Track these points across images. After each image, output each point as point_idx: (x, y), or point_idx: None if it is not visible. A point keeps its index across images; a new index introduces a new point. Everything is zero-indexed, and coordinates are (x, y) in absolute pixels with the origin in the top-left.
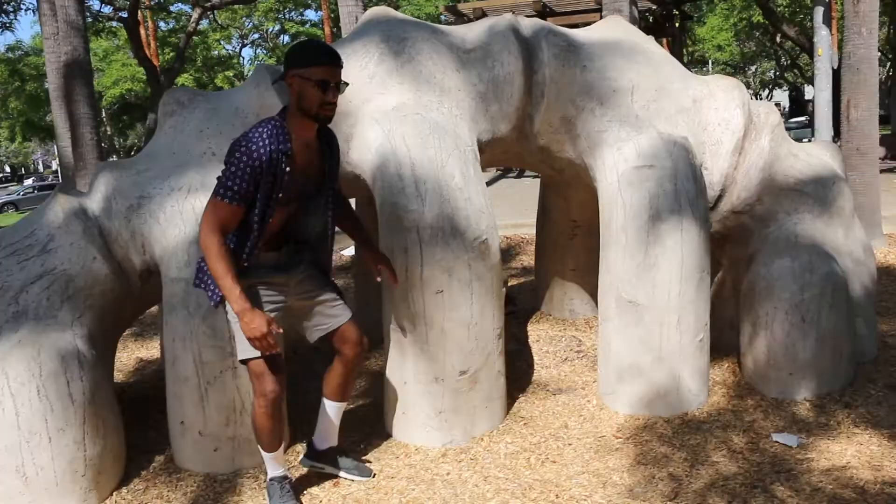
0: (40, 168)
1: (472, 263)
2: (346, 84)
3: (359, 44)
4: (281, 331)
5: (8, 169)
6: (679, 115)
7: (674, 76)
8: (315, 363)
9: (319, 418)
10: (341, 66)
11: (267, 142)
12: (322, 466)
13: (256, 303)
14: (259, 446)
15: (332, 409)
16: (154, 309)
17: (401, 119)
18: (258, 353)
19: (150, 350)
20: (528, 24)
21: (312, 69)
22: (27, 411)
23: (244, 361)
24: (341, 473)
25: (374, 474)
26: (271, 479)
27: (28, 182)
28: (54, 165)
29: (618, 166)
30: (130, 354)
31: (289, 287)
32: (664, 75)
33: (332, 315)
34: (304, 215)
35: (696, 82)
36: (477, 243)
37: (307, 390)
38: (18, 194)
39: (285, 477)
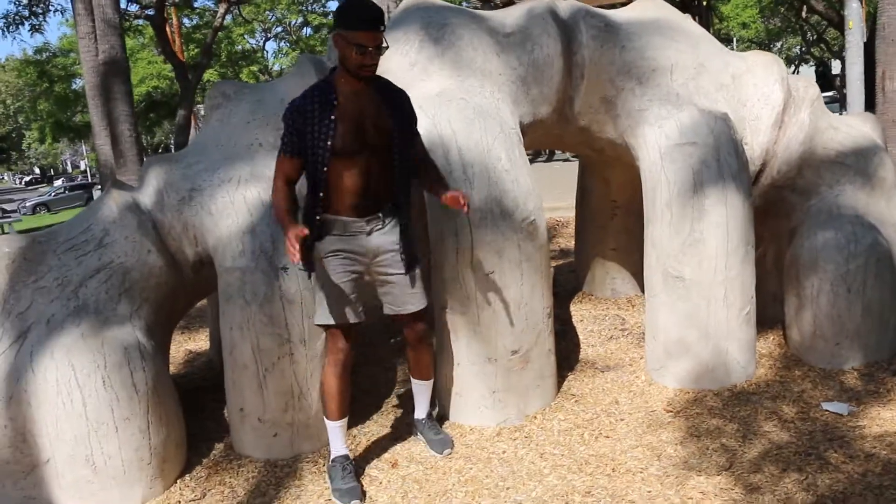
0: (69, 168)
1: (521, 244)
2: (387, 46)
3: (399, 31)
4: (305, 232)
5: (37, 170)
6: (719, 92)
7: (712, 53)
8: (365, 348)
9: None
10: (381, 29)
11: (306, 97)
12: (417, 434)
13: (331, 271)
14: (325, 416)
15: (415, 387)
16: (200, 302)
17: (445, 104)
18: (335, 320)
19: (197, 342)
20: (566, 6)
21: (352, 33)
22: (94, 402)
23: (321, 326)
24: (423, 443)
25: (448, 451)
26: (333, 461)
27: (58, 183)
28: (83, 165)
29: (660, 144)
30: (179, 347)
31: (366, 257)
32: (703, 53)
33: (403, 301)
34: (374, 172)
35: (735, 58)
36: (525, 224)
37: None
38: (50, 195)
39: (347, 458)
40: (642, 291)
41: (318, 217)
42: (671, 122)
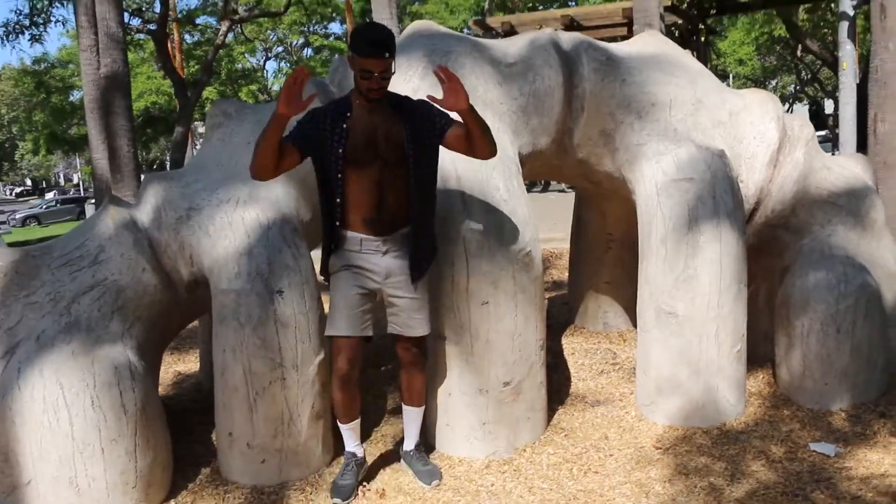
0: (61, 181)
1: (516, 275)
2: (394, 72)
3: (402, 57)
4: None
5: (29, 182)
6: (716, 129)
7: (710, 90)
8: None
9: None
10: (386, 56)
11: (322, 108)
12: (404, 464)
13: (343, 284)
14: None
15: (405, 414)
16: (191, 323)
17: None
18: (340, 332)
19: (187, 364)
20: (568, 38)
21: (359, 58)
22: (81, 421)
23: (329, 337)
24: (411, 474)
25: (436, 482)
26: (344, 454)
27: (50, 195)
28: (76, 179)
29: (657, 179)
30: (168, 367)
31: (378, 276)
32: (701, 89)
33: (408, 325)
34: (388, 186)
35: (732, 96)
36: (521, 255)
37: None
38: (41, 208)
39: (354, 455)
40: (634, 326)
41: (337, 223)
42: (669, 158)
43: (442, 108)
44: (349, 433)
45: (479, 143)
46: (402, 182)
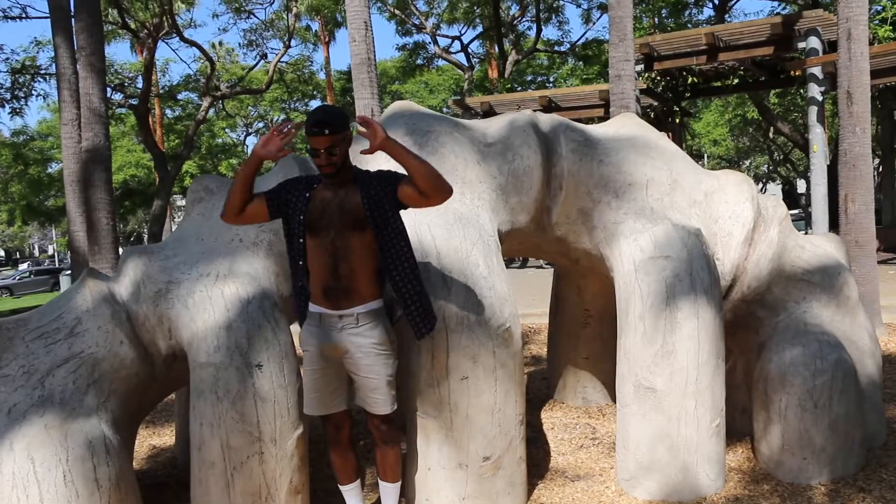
0: (36, 252)
1: (496, 350)
2: (344, 148)
3: None
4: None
5: (2, 252)
6: (692, 208)
7: (686, 170)
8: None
9: None
10: (326, 133)
11: (295, 179)
12: None
13: (308, 364)
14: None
15: (381, 489)
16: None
17: (426, 210)
18: (313, 412)
19: (162, 437)
20: (547, 119)
21: (308, 137)
22: (52, 498)
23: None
24: None
25: None
26: None
27: (23, 266)
28: (51, 250)
29: (634, 256)
30: (142, 442)
31: (336, 352)
32: (677, 169)
33: (366, 402)
34: (343, 253)
35: (707, 176)
36: (501, 331)
37: (322, 476)
38: (14, 279)
39: None
40: (613, 401)
41: (300, 284)
42: (646, 236)
43: (393, 171)
44: (349, 494)
45: (419, 178)
46: (357, 253)
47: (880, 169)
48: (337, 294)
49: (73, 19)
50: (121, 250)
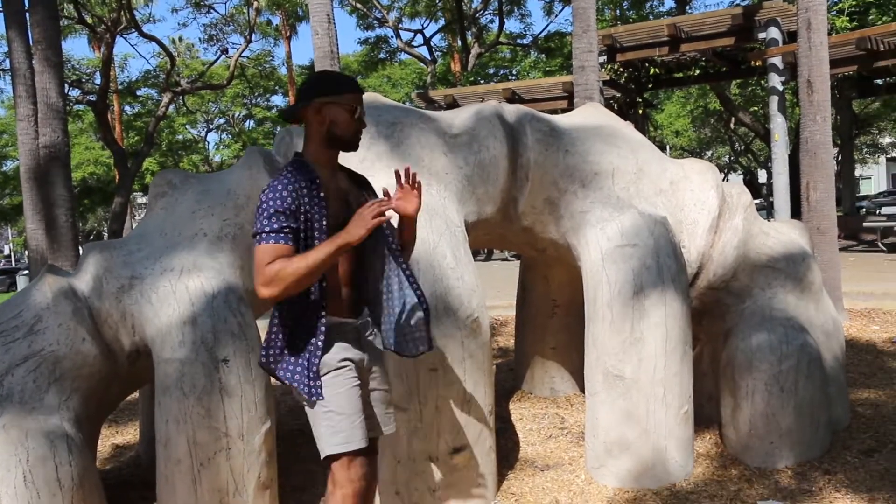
0: None
1: (464, 341)
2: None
3: None
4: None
5: None
6: (657, 197)
7: (651, 159)
8: (301, 447)
9: None
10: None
11: (292, 176)
12: None
13: (345, 385)
14: None
15: None
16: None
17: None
18: (360, 444)
19: (125, 436)
20: (513, 110)
21: (346, 95)
22: (12, 499)
23: (332, 458)
24: None
25: None
26: None
27: None
28: (7, 250)
29: (601, 245)
30: (105, 441)
31: (361, 369)
32: (642, 159)
33: (383, 422)
34: (362, 266)
35: (673, 165)
36: (469, 321)
37: (290, 472)
38: None
39: None
40: (581, 390)
41: (323, 313)
42: (613, 225)
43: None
44: None
45: (408, 241)
46: (378, 261)
47: (839, 158)
48: (354, 300)
49: (27, 13)
50: (80, 249)
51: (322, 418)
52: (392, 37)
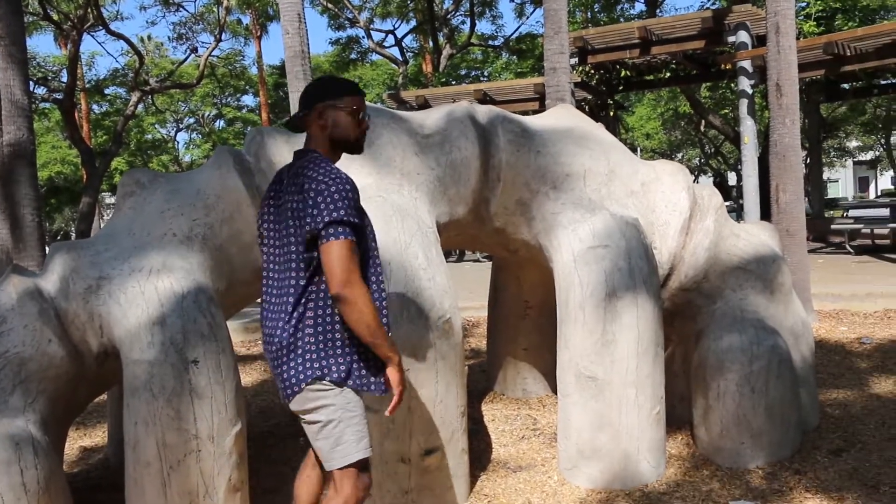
0: None
1: (436, 342)
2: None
3: None
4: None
5: None
6: (629, 198)
7: (623, 161)
8: (272, 449)
9: None
10: None
11: (348, 177)
12: None
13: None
14: None
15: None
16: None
17: (364, 201)
18: (369, 451)
19: (93, 438)
20: (484, 111)
21: (348, 98)
22: None
23: (349, 466)
24: None
25: None
26: None
27: None
28: None
29: (573, 246)
30: (73, 443)
31: None
32: (614, 160)
33: None
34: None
35: (644, 167)
36: (441, 322)
37: (261, 474)
38: None
39: None
40: (554, 392)
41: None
42: (584, 226)
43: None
44: None
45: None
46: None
47: (808, 161)
48: None
49: None
50: (47, 249)
51: (349, 424)
52: (363, 37)
